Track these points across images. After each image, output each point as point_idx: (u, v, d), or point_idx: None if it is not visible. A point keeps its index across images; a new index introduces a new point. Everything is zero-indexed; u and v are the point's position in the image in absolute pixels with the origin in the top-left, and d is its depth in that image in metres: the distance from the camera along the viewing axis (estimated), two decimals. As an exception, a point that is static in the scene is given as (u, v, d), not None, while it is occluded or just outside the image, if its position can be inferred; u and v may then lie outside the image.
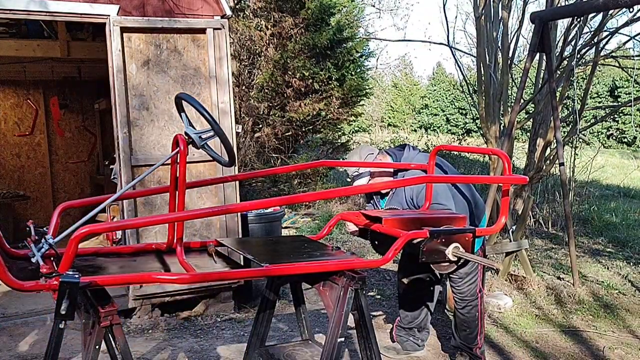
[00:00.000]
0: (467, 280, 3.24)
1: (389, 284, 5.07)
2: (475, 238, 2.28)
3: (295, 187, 8.83)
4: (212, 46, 4.14)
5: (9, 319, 3.98)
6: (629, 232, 7.52)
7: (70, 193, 7.79)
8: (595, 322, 4.31)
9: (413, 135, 21.25)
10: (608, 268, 5.78)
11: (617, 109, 18.06)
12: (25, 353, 3.54)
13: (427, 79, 35.30)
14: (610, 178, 13.19)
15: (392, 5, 23.48)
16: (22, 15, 3.83)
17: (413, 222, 2.36)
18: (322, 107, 8.77)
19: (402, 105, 31.31)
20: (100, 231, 1.78)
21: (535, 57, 5.25)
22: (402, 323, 3.58)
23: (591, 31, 7.15)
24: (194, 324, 4.12)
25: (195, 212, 2.25)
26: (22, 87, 7.33)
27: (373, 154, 3.10)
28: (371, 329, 2.19)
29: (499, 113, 7.12)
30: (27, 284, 1.71)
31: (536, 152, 7.22)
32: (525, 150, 8.36)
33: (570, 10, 5.23)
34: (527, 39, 10.16)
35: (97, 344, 1.85)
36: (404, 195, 3.05)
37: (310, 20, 8.75)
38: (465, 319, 3.31)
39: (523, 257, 5.02)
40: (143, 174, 2.35)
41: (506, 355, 3.69)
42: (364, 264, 2.25)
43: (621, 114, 24.92)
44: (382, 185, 2.98)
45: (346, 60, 9.25)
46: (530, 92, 10.29)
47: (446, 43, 8.47)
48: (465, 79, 8.99)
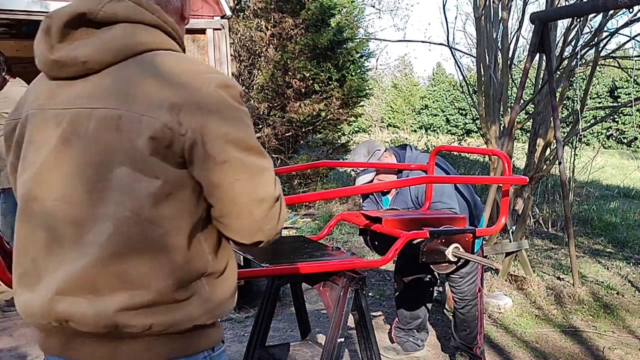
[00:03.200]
0: (467, 280, 3.24)
1: (388, 284, 5.07)
2: (475, 238, 2.28)
3: (295, 188, 8.83)
4: (212, 46, 4.15)
5: (9, 319, 3.98)
6: (629, 232, 7.53)
7: (71, 193, 7.80)
8: (595, 322, 4.32)
9: (413, 136, 21.27)
10: (608, 268, 5.78)
11: (617, 109, 18.06)
12: (26, 353, 3.54)
13: (427, 79, 35.35)
14: (610, 178, 13.20)
15: (392, 5, 23.48)
16: (22, 16, 3.83)
17: (413, 222, 2.36)
18: (322, 107, 8.78)
19: (402, 105, 31.34)
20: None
21: (535, 58, 5.25)
22: (401, 324, 3.58)
23: (591, 31, 7.16)
24: (194, 324, 4.12)
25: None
26: (22, 87, 7.35)
27: (380, 150, 3.10)
28: (371, 329, 2.19)
29: (499, 113, 7.12)
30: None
31: (536, 152, 7.22)
32: (525, 151, 8.36)
33: (570, 10, 5.23)
34: (527, 40, 10.18)
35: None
36: (409, 194, 3.05)
37: (311, 21, 8.75)
38: (465, 318, 3.32)
39: (523, 257, 5.02)
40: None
41: (506, 355, 3.69)
42: (364, 265, 2.26)
43: (621, 114, 24.96)
44: (383, 185, 2.99)
45: (346, 61, 9.26)
46: (530, 92, 10.29)
47: (446, 43, 8.48)
48: (465, 80, 8.99)
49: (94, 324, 1.04)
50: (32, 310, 1.09)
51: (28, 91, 1.18)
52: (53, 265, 1.07)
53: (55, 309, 1.05)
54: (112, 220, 1.03)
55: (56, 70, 1.09)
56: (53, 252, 1.07)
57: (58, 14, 1.07)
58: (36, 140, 1.10)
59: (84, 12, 1.05)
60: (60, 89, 1.09)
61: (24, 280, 1.11)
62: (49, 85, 1.11)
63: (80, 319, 1.04)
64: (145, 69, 1.06)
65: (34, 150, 1.09)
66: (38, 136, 1.10)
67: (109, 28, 1.07)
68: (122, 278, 1.04)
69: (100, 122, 1.04)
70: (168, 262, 1.05)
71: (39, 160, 1.08)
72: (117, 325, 1.03)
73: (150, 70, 1.06)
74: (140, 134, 1.02)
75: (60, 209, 1.06)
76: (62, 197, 1.06)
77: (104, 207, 1.03)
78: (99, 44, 1.06)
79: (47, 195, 1.07)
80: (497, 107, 7.10)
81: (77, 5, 1.06)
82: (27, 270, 1.10)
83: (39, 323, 1.10)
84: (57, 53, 1.07)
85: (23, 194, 1.10)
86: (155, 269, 1.05)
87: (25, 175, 1.10)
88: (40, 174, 1.08)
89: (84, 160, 1.05)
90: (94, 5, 1.06)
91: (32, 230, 1.09)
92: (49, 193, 1.07)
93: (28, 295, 1.09)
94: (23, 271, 1.11)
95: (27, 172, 1.10)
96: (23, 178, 1.11)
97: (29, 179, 1.09)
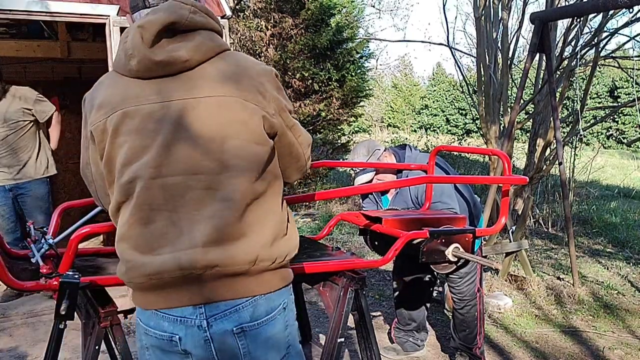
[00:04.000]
0: (466, 280, 3.24)
1: (388, 284, 5.07)
2: (475, 238, 2.28)
3: (295, 188, 8.83)
4: (212, 46, 4.15)
5: (9, 319, 3.98)
6: (629, 232, 7.53)
7: (70, 193, 7.78)
8: (595, 322, 4.32)
9: (413, 136, 21.28)
10: (608, 268, 5.78)
11: (617, 109, 18.07)
12: (25, 353, 3.54)
13: (427, 79, 35.37)
14: (610, 178, 13.21)
15: (392, 5, 23.48)
16: (23, 16, 3.83)
17: (413, 222, 2.36)
18: (322, 107, 8.77)
19: (402, 105, 31.36)
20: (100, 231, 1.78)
21: (535, 58, 5.25)
22: (401, 324, 3.58)
23: (591, 31, 7.16)
24: (194, 324, 4.12)
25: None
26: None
27: (380, 149, 3.09)
28: (371, 330, 2.19)
29: (499, 113, 7.13)
30: (27, 285, 1.71)
31: (536, 152, 7.23)
32: (525, 151, 8.37)
33: (570, 10, 5.22)
34: (527, 40, 10.18)
35: (97, 344, 1.85)
36: (409, 194, 3.05)
37: (310, 21, 8.75)
38: (464, 319, 3.31)
39: (523, 257, 5.02)
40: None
41: (506, 355, 3.69)
42: (364, 265, 2.25)
43: (621, 114, 24.97)
44: (383, 185, 2.98)
45: (346, 61, 9.25)
46: (530, 92, 10.29)
47: (446, 43, 8.48)
48: (465, 80, 8.99)
49: (242, 263, 1.31)
50: (168, 266, 1.29)
51: (108, 94, 1.33)
52: (189, 226, 1.30)
53: (205, 258, 1.28)
54: (236, 184, 1.31)
55: (158, 69, 1.30)
56: (185, 217, 1.30)
57: (150, 23, 1.28)
58: (146, 129, 1.29)
59: (173, 22, 1.30)
60: (155, 85, 1.31)
61: (154, 245, 1.31)
62: (138, 84, 1.31)
63: (230, 262, 1.30)
64: (231, 64, 1.35)
65: (144, 139, 1.29)
66: (148, 126, 1.29)
67: (193, 34, 1.32)
68: (254, 224, 1.34)
69: (217, 106, 1.29)
70: (274, 215, 1.39)
71: (155, 144, 1.29)
72: (256, 261, 1.33)
73: (235, 64, 1.35)
74: (249, 113, 1.32)
75: (189, 178, 1.29)
76: (190, 169, 1.29)
77: (227, 171, 1.30)
78: (194, 46, 1.31)
79: (173, 171, 1.29)
80: (497, 107, 7.10)
81: (167, 16, 1.29)
82: (157, 237, 1.31)
83: (169, 278, 1.29)
84: (160, 55, 1.29)
85: (141, 175, 1.30)
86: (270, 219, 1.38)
87: (143, 159, 1.30)
88: (160, 156, 1.29)
89: (211, 136, 1.29)
90: (180, 16, 1.30)
91: (157, 203, 1.30)
92: (174, 169, 1.29)
93: (163, 256, 1.30)
94: (150, 239, 1.31)
95: (143, 157, 1.30)
96: (139, 162, 1.30)
97: (147, 162, 1.29)
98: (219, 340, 1.35)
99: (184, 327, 1.34)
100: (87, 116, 1.38)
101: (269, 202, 1.38)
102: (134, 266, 1.33)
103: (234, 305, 1.34)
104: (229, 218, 1.30)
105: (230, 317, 1.34)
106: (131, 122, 1.30)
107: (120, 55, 1.34)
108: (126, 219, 1.34)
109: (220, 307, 1.33)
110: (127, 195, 1.33)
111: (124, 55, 1.32)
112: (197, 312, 1.33)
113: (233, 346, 1.36)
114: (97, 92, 1.38)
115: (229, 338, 1.35)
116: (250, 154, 1.32)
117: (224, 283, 1.32)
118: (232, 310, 1.34)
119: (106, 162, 1.36)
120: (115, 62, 1.37)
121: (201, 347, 1.35)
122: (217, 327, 1.34)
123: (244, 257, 1.32)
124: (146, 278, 1.32)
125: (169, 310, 1.34)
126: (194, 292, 1.32)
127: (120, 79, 1.34)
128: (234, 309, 1.34)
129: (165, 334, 1.35)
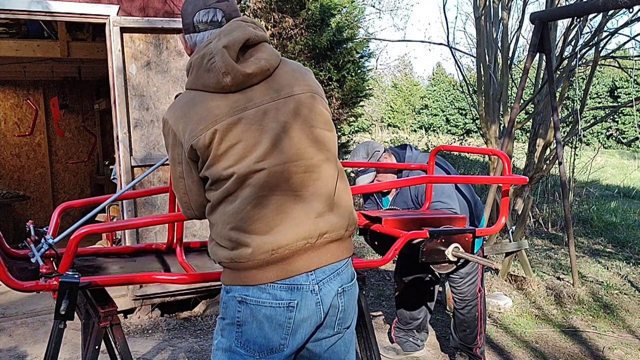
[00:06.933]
0: (467, 281, 3.24)
1: (388, 284, 5.07)
2: (475, 238, 2.28)
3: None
4: (212, 46, 4.15)
5: (9, 319, 3.98)
6: (628, 232, 7.53)
7: (70, 193, 7.79)
8: (595, 322, 4.32)
9: (413, 136, 21.29)
10: (608, 268, 5.78)
11: (617, 109, 18.06)
12: (25, 353, 3.54)
13: (427, 79, 35.35)
14: (610, 178, 13.21)
15: (392, 5, 23.45)
16: (23, 16, 3.83)
17: (413, 222, 2.35)
18: (322, 107, 8.77)
19: (402, 105, 31.33)
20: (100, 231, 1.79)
21: (535, 58, 5.25)
22: (401, 324, 3.58)
23: (591, 31, 7.16)
24: (193, 324, 4.13)
25: (196, 212, 2.25)
26: (22, 87, 7.34)
27: (379, 151, 3.09)
28: (371, 329, 2.19)
29: (498, 113, 7.13)
30: (27, 284, 1.71)
31: (536, 152, 7.23)
32: (525, 151, 8.37)
33: (570, 10, 5.23)
34: (527, 39, 10.18)
35: (97, 344, 1.85)
36: (409, 194, 3.05)
37: (311, 21, 8.74)
38: (465, 319, 3.31)
39: (523, 257, 5.02)
40: (143, 174, 2.35)
41: (506, 355, 3.69)
42: (364, 264, 2.25)
43: (621, 114, 24.97)
44: (383, 185, 2.98)
45: (346, 61, 9.24)
46: (530, 92, 10.29)
47: (446, 43, 8.49)
48: (465, 79, 8.99)
49: (341, 229, 1.59)
50: (289, 239, 1.50)
51: (205, 109, 1.51)
52: (299, 204, 1.53)
53: (317, 227, 1.53)
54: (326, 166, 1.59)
55: (249, 80, 1.52)
56: (292, 198, 1.52)
57: (233, 43, 1.51)
58: (251, 130, 1.50)
59: (248, 39, 1.54)
60: (244, 95, 1.52)
61: (271, 224, 1.51)
62: (230, 97, 1.51)
63: (334, 228, 1.56)
64: (292, 66, 1.61)
65: (249, 139, 1.50)
66: (251, 128, 1.50)
67: (259, 46, 1.57)
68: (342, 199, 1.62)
69: (300, 101, 1.55)
70: (348, 188, 1.67)
71: (263, 141, 1.50)
72: (347, 227, 1.61)
73: (294, 66, 1.62)
74: (324, 105, 1.62)
75: (291, 165, 1.52)
76: (291, 157, 1.52)
77: (322, 154, 1.57)
78: (267, 56, 1.55)
79: (279, 161, 1.51)
80: (497, 107, 7.10)
81: (243, 35, 1.53)
82: (273, 217, 1.51)
83: (287, 251, 1.50)
84: (249, 68, 1.51)
85: (256, 168, 1.50)
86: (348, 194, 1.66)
87: (253, 155, 1.50)
88: (267, 150, 1.50)
89: (301, 128, 1.54)
90: (250, 33, 1.55)
91: (268, 189, 1.50)
92: (280, 159, 1.51)
93: (283, 233, 1.51)
94: (268, 220, 1.51)
95: (254, 154, 1.50)
96: (249, 158, 1.49)
97: (258, 157, 1.50)
98: (327, 302, 1.56)
99: (300, 293, 1.52)
100: (182, 134, 1.52)
101: (343, 179, 1.65)
102: (257, 245, 1.50)
103: (337, 269, 1.59)
104: (327, 193, 1.57)
105: (335, 279, 1.58)
106: (236, 127, 1.49)
107: (204, 75, 1.53)
108: (238, 208, 1.51)
109: (326, 272, 1.56)
110: (236, 189, 1.51)
111: (216, 74, 1.51)
112: (309, 278, 1.53)
113: (335, 305, 1.59)
114: (188, 111, 1.54)
115: (334, 299, 1.58)
116: (330, 139, 1.61)
117: (329, 248, 1.57)
118: (335, 273, 1.58)
119: (209, 166, 1.52)
120: (198, 82, 1.56)
121: (313, 310, 1.54)
122: (326, 290, 1.56)
123: (343, 223, 1.59)
124: (268, 254, 1.49)
125: (286, 280, 1.51)
126: (307, 260, 1.53)
127: (209, 95, 1.54)
128: (337, 271, 1.59)
129: (282, 302, 1.51)
